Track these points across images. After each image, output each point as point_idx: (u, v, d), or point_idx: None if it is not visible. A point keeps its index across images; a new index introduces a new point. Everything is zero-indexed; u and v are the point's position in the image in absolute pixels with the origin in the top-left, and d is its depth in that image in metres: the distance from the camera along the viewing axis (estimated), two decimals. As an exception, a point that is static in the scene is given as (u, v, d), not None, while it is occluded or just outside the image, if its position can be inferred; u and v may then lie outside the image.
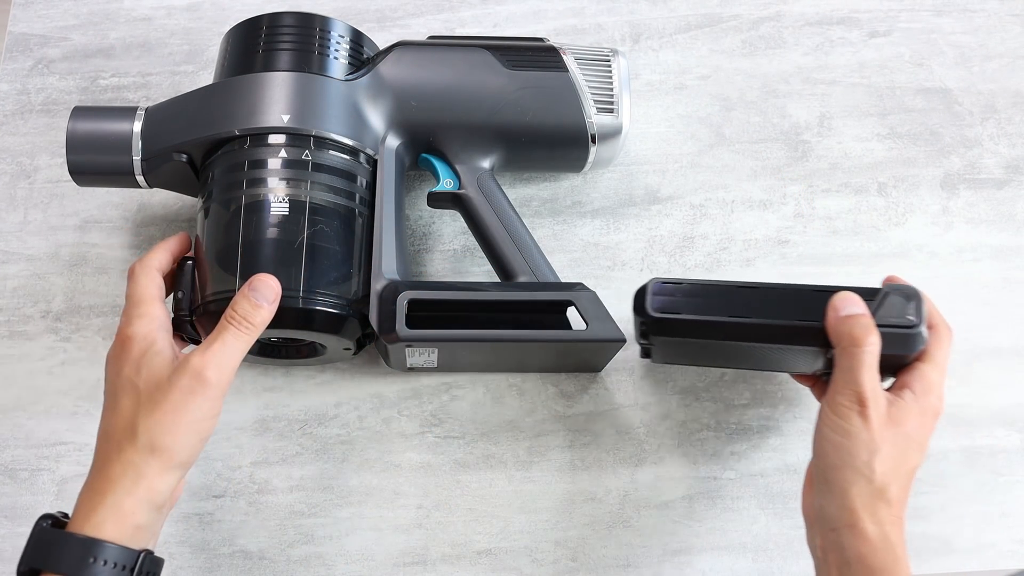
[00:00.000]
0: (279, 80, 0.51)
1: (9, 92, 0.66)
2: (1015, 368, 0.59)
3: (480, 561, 0.56)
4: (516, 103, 0.55)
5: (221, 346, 0.45)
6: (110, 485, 0.43)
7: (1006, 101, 0.65)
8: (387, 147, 0.54)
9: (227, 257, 0.49)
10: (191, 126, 0.52)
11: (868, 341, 0.45)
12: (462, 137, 0.55)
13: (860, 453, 0.44)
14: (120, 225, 0.62)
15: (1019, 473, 0.57)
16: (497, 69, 0.55)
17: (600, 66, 0.56)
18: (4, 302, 0.61)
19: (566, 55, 0.56)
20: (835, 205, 0.62)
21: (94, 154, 0.53)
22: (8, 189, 0.64)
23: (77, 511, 0.43)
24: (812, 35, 0.67)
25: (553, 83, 0.55)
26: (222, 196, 0.51)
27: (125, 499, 0.43)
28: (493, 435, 0.58)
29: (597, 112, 0.55)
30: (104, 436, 0.45)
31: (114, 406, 0.45)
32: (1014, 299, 0.61)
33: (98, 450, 0.45)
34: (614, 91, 0.56)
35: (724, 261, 0.61)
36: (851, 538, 0.44)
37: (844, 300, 0.46)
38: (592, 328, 0.51)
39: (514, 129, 0.55)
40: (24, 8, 0.69)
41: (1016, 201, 0.63)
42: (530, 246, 0.54)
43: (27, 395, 0.59)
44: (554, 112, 0.55)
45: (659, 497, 0.57)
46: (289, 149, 0.50)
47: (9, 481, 0.57)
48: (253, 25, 0.54)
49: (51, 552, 0.42)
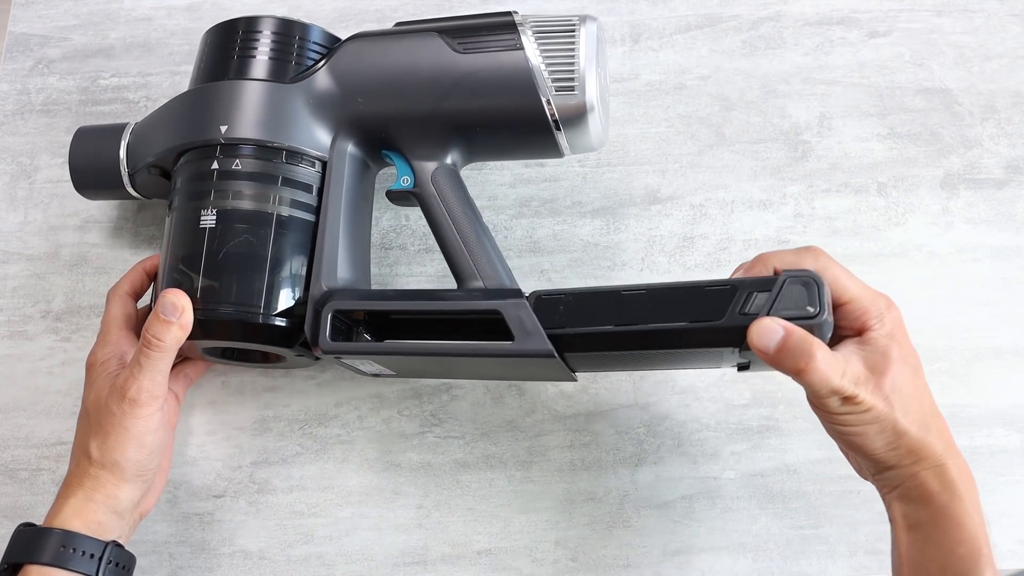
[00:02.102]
0: (217, 90, 0.51)
1: (9, 92, 0.66)
2: (1015, 368, 0.59)
3: (480, 561, 0.56)
4: (465, 89, 0.50)
5: (138, 368, 0.48)
6: (73, 491, 0.48)
7: (1006, 101, 0.65)
8: (337, 149, 0.52)
9: (186, 266, 0.50)
10: (157, 139, 0.53)
11: (814, 360, 0.41)
12: (413, 130, 0.51)
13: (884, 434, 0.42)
14: (120, 225, 0.62)
15: (1019, 473, 0.57)
16: (445, 54, 0.50)
17: (562, 39, 0.49)
18: (4, 302, 0.61)
19: (524, 30, 0.49)
20: (835, 205, 0.62)
21: (93, 176, 0.56)
22: (8, 189, 0.64)
23: (49, 514, 0.48)
24: (812, 35, 0.67)
25: (505, 63, 0.49)
26: (175, 206, 0.51)
27: (86, 503, 0.48)
28: (493, 435, 0.58)
29: (556, 92, 0.49)
30: (72, 451, 0.50)
31: (79, 425, 0.51)
32: (1014, 299, 0.61)
33: (70, 462, 0.50)
34: (576, 67, 0.49)
35: (724, 261, 0.61)
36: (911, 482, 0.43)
37: (761, 335, 0.41)
38: (518, 342, 0.46)
39: (466, 117, 0.50)
40: (24, 8, 0.69)
41: (1016, 201, 0.63)
42: (480, 248, 0.50)
43: (27, 395, 0.59)
44: (507, 96, 0.49)
45: (659, 497, 0.57)
46: (223, 160, 0.50)
47: (9, 481, 0.57)
48: (210, 35, 0.54)
49: (30, 546, 0.46)
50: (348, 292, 0.50)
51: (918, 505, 0.43)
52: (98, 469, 0.48)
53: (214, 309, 0.49)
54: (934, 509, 0.42)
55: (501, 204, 0.62)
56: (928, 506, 0.42)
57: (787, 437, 0.58)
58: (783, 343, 0.41)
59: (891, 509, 0.44)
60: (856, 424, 0.42)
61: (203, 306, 0.49)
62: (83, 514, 0.47)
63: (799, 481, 0.57)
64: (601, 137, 0.52)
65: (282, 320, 0.49)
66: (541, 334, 0.46)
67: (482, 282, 0.49)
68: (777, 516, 0.56)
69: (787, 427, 0.58)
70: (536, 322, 0.46)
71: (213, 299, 0.49)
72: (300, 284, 0.50)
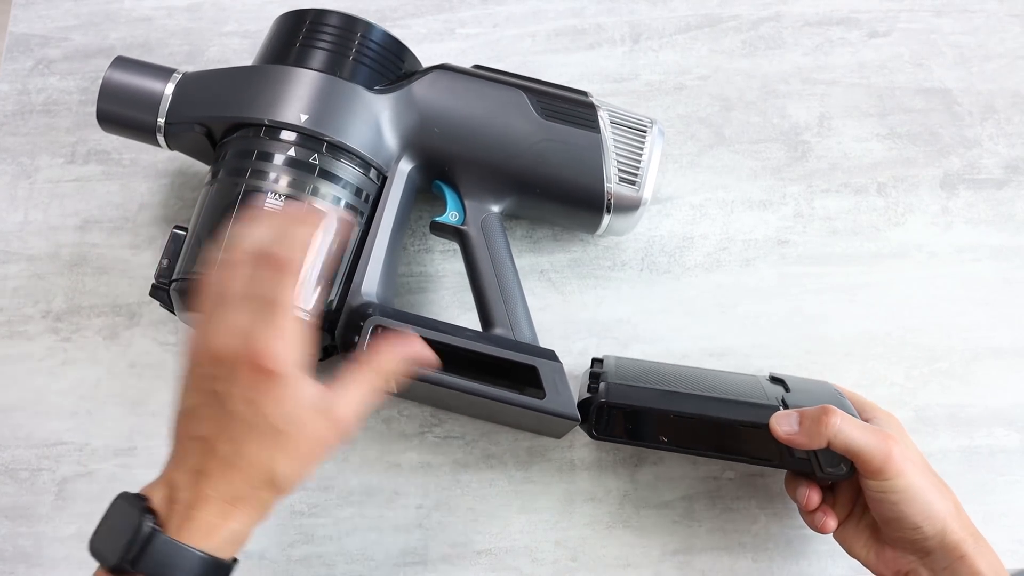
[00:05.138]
0: (306, 78, 0.51)
1: (10, 92, 0.66)
2: (1015, 368, 0.59)
3: (480, 561, 0.56)
4: (538, 153, 0.53)
5: (359, 396, 0.42)
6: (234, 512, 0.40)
7: (1005, 101, 0.65)
8: (400, 167, 0.53)
9: (200, 237, 0.49)
10: (216, 102, 0.52)
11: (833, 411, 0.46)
12: (477, 174, 0.54)
13: (918, 502, 0.46)
14: (120, 225, 0.62)
15: (1019, 473, 0.57)
16: (528, 114, 0.53)
17: (633, 134, 0.54)
18: (4, 302, 0.61)
19: (602, 114, 0.54)
20: (835, 205, 0.62)
21: (123, 107, 0.53)
22: (8, 189, 0.64)
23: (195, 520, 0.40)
24: (812, 35, 0.67)
25: (581, 141, 0.53)
26: (227, 178, 0.51)
27: (246, 527, 0.41)
28: (493, 435, 0.58)
29: (619, 180, 0.53)
30: (226, 457, 0.40)
31: (245, 435, 0.40)
32: (1014, 299, 0.61)
33: (217, 472, 0.40)
34: (641, 163, 0.53)
35: (724, 261, 0.61)
36: (964, 569, 0.46)
37: (780, 421, 0.47)
38: (549, 399, 0.49)
39: (531, 178, 0.53)
40: (25, 8, 0.69)
41: (1016, 201, 0.63)
42: (516, 300, 0.53)
43: (27, 395, 0.59)
44: (574, 170, 0.53)
45: (659, 497, 0.57)
46: (299, 148, 0.50)
47: (9, 481, 0.57)
48: (298, 18, 0.54)
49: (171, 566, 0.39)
50: (389, 311, 0.50)
51: None
52: (272, 494, 0.41)
53: None
54: None
55: (501, 204, 0.62)
56: None
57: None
58: (801, 417, 0.47)
59: None
60: (892, 492, 0.46)
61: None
62: (238, 543, 0.41)
63: (799, 481, 0.57)
64: (634, 228, 0.56)
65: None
66: (570, 397, 0.49)
67: (512, 332, 0.52)
68: (777, 516, 0.56)
69: (787, 427, 0.58)
70: (568, 386, 0.49)
71: None
72: (339, 288, 0.50)
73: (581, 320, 0.60)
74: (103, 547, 0.40)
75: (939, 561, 0.46)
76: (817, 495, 0.50)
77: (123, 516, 0.40)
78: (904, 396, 0.59)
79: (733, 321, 0.60)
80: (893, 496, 0.46)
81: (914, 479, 0.45)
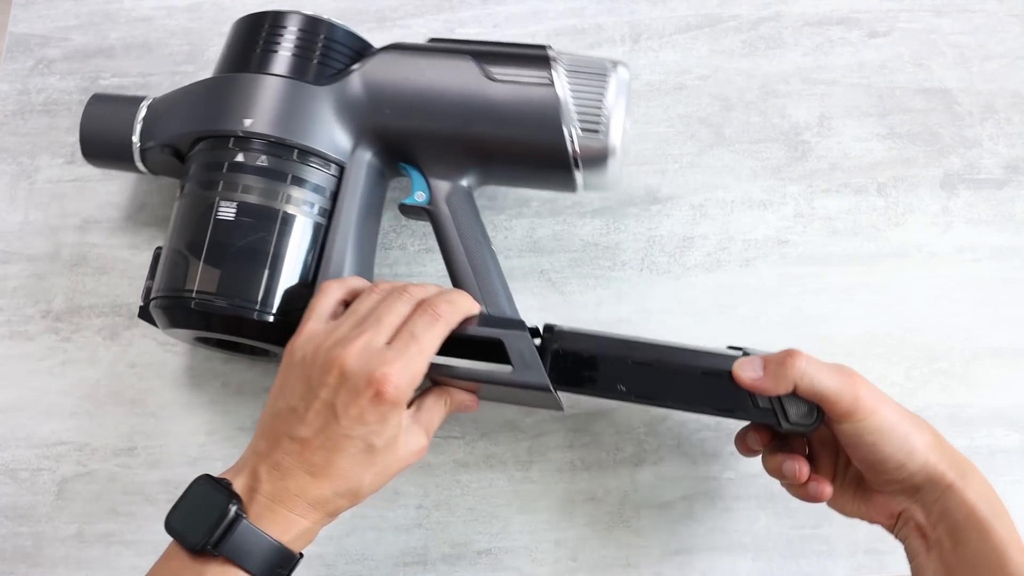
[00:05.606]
0: (248, 82, 0.51)
1: (10, 92, 0.66)
2: (1015, 368, 0.59)
3: (480, 561, 0.56)
4: (492, 117, 0.50)
5: (437, 422, 0.48)
6: (313, 512, 0.43)
7: (1006, 101, 0.65)
8: (357, 156, 0.52)
9: (187, 253, 0.50)
10: (176, 121, 0.53)
11: (796, 354, 0.44)
12: (435, 149, 0.52)
13: (896, 438, 0.44)
14: (120, 225, 0.62)
15: (1019, 473, 0.57)
16: (477, 79, 0.50)
17: (592, 80, 0.50)
18: (4, 302, 0.61)
19: (557, 66, 0.50)
20: (835, 205, 0.62)
21: (103, 140, 0.55)
22: (8, 189, 0.64)
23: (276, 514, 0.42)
24: (812, 35, 0.67)
25: (535, 97, 0.50)
26: (191, 191, 0.51)
27: (317, 528, 0.44)
28: (493, 435, 0.58)
29: (582, 132, 0.50)
30: (321, 470, 0.43)
31: (345, 450, 0.43)
32: (1014, 299, 0.61)
33: (306, 475, 0.43)
34: (602, 109, 0.49)
35: (724, 261, 0.61)
36: (953, 498, 0.44)
37: (744, 367, 0.46)
38: (517, 372, 0.47)
39: (489, 144, 0.51)
40: (25, 8, 0.69)
41: (1016, 201, 0.63)
42: (490, 275, 0.51)
43: (27, 395, 0.59)
44: (532, 129, 0.50)
45: (659, 497, 0.57)
46: (246, 153, 0.50)
47: (9, 481, 0.57)
48: (242, 24, 0.54)
49: (245, 551, 0.41)
50: None
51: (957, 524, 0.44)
52: (349, 503, 0.44)
53: (210, 300, 0.49)
54: (975, 521, 0.43)
55: (501, 204, 0.62)
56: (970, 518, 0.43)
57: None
58: (765, 362, 0.45)
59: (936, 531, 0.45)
60: (868, 433, 0.44)
61: (199, 296, 0.49)
62: (308, 539, 0.44)
63: (799, 481, 0.57)
64: (617, 179, 0.52)
65: (277, 318, 0.49)
66: (540, 367, 0.47)
67: (485, 307, 0.50)
68: (777, 516, 0.56)
69: (787, 427, 0.58)
70: (536, 355, 0.47)
71: (211, 290, 0.49)
72: (299, 284, 0.50)
73: (581, 320, 0.60)
74: (185, 527, 0.41)
75: (928, 495, 0.45)
76: (805, 466, 0.48)
77: (207, 498, 0.41)
78: (904, 396, 0.58)
79: (733, 321, 0.60)
80: (870, 437, 0.44)
81: (887, 415, 0.44)
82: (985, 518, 0.43)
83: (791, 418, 0.46)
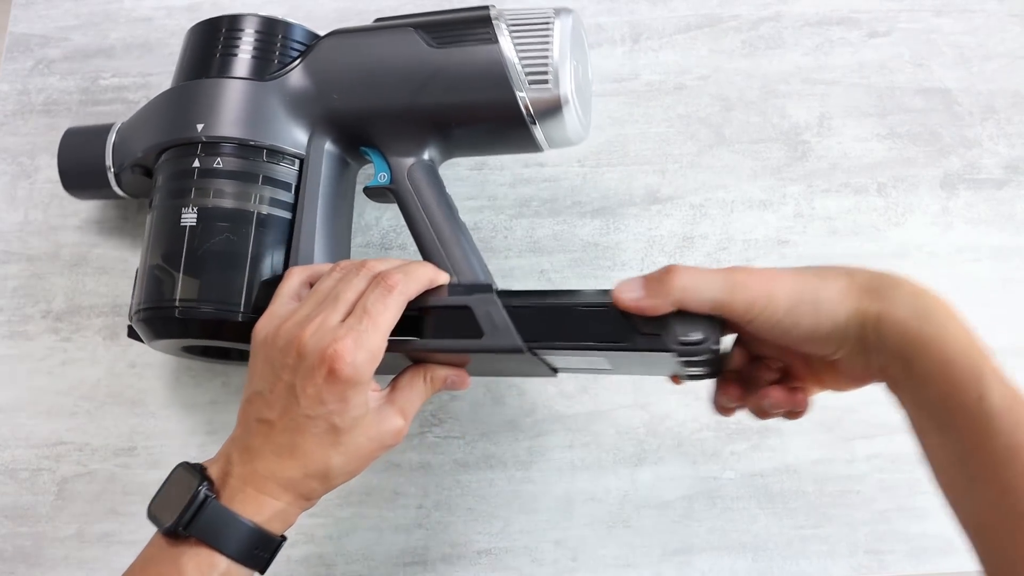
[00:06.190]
0: (195, 88, 0.51)
1: (10, 92, 0.66)
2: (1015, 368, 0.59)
3: (480, 561, 0.56)
4: (439, 83, 0.49)
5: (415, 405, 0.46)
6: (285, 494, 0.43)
7: (1006, 101, 0.65)
8: (314, 146, 0.52)
9: (165, 264, 0.49)
10: (139, 138, 0.53)
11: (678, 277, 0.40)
12: (390, 126, 0.51)
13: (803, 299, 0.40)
14: (120, 225, 0.62)
15: (1019, 473, 0.57)
16: (420, 48, 0.49)
17: (536, 32, 0.49)
18: (4, 302, 0.61)
19: (499, 23, 0.49)
20: (835, 205, 0.62)
21: (80, 174, 0.56)
22: (8, 189, 0.64)
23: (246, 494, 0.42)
24: (812, 35, 0.67)
25: (479, 57, 0.48)
26: (155, 204, 0.51)
27: (294, 511, 0.44)
28: (493, 435, 0.58)
29: (530, 85, 0.48)
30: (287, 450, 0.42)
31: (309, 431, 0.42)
32: (1014, 299, 0.61)
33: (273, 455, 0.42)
34: (548, 59, 0.48)
35: (724, 261, 0.61)
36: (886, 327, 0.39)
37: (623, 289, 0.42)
38: (488, 337, 0.45)
39: (441, 112, 0.50)
40: (25, 8, 0.69)
41: (1016, 201, 0.63)
42: (456, 244, 0.49)
43: (27, 395, 0.59)
44: (480, 90, 0.49)
45: (659, 497, 0.57)
46: (203, 158, 0.50)
47: (9, 481, 0.57)
48: (193, 33, 0.54)
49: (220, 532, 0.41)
50: None
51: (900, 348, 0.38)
52: (321, 485, 0.43)
53: (195, 308, 0.48)
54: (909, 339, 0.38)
55: (501, 204, 0.62)
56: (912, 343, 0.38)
57: (787, 437, 0.58)
58: (644, 280, 0.42)
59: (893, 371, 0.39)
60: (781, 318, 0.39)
61: (182, 304, 0.48)
62: (286, 521, 0.44)
63: (799, 481, 0.57)
64: (579, 131, 0.51)
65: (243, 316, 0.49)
66: (510, 329, 0.45)
67: (456, 278, 0.48)
68: (777, 516, 0.56)
69: (787, 427, 0.58)
70: (505, 317, 0.45)
71: (193, 297, 0.48)
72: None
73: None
74: (160, 511, 0.42)
75: (871, 340, 0.39)
76: (778, 391, 0.44)
77: (181, 483, 0.42)
78: (904, 396, 0.58)
79: (733, 321, 0.60)
80: (782, 324, 0.39)
81: (786, 290, 0.39)
82: (916, 330, 0.38)
83: (680, 337, 0.42)
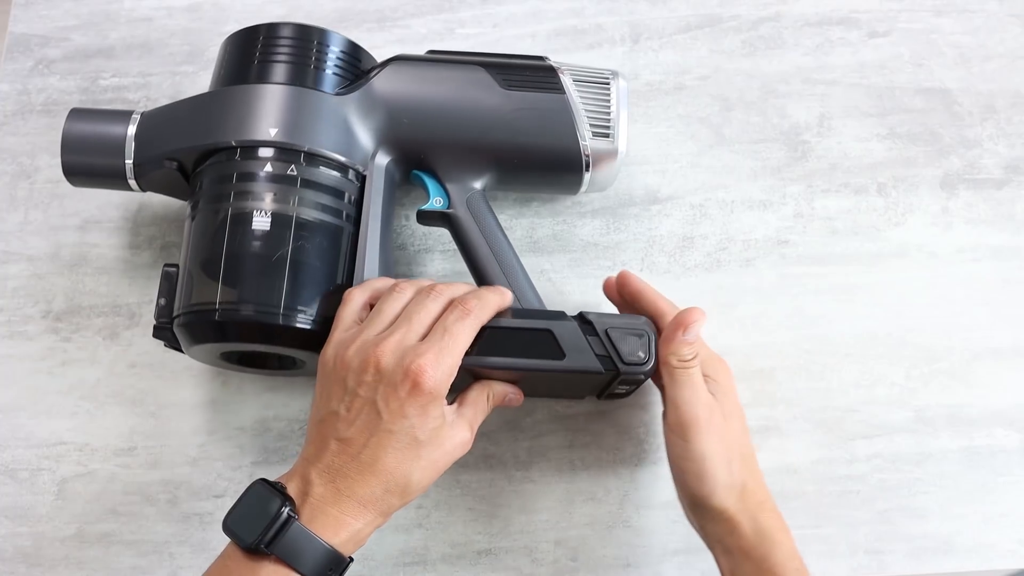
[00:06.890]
0: (270, 93, 0.51)
1: (10, 92, 0.66)
2: (1015, 368, 0.59)
3: (480, 561, 0.56)
4: (510, 124, 0.53)
5: (480, 417, 0.49)
6: (360, 515, 0.44)
7: (1006, 101, 0.65)
8: (376, 164, 0.53)
9: (209, 268, 0.49)
10: (182, 134, 0.52)
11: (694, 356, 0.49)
12: (454, 156, 0.54)
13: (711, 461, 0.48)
14: (120, 225, 0.62)
15: (1019, 473, 0.57)
16: (492, 88, 0.53)
17: (598, 88, 0.54)
18: (4, 302, 0.61)
19: (564, 76, 0.54)
20: (835, 205, 0.62)
21: (88, 156, 0.53)
22: (8, 189, 0.64)
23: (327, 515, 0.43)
24: (812, 35, 0.67)
25: (549, 105, 0.53)
26: (208, 206, 0.50)
27: (368, 530, 0.44)
28: (493, 435, 0.58)
29: (592, 136, 0.54)
30: (369, 467, 0.44)
31: (390, 446, 0.44)
32: (1014, 299, 0.61)
33: (355, 473, 0.44)
34: (611, 115, 0.54)
35: (724, 261, 0.61)
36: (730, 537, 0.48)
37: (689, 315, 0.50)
38: (570, 359, 0.49)
39: (507, 150, 0.54)
40: (25, 8, 0.69)
41: (1016, 201, 0.63)
42: (516, 271, 0.53)
43: (27, 395, 0.59)
44: (548, 134, 0.53)
45: (659, 497, 0.57)
46: (275, 163, 0.50)
47: (9, 481, 0.57)
48: (250, 35, 0.53)
49: (300, 553, 0.42)
50: None
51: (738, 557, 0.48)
52: (400, 500, 0.44)
53: (235, 310, 0.48)
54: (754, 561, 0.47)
55: (501, 204, 0.62)
56: (748, 558, 0.47)
57: (787, 437, 0.58)
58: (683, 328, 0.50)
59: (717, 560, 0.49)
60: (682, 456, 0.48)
61: (222, 307, 0.48)
62: (358, 542, 0.44)
63: (799, 481, 0.57)
64: (615, 179, 0.56)
65: (305, 323, 0.49)
66: (590, 352, 0.49)
67: (520, 302, 0.51)
68: (777, 516, 0.56)
69: (787, 427, 0.58)
70: (584, 340, 0.49)
71: (232, 299, 0.48)
72: (324, 288, 0.50)
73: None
74: (240, 528, 0.43)
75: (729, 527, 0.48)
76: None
77: (262, 501, 0.43)
78: (904, 396, 0.59)
79: (733, 321, 0.60)
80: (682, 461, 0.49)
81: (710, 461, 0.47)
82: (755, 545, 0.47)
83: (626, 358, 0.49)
